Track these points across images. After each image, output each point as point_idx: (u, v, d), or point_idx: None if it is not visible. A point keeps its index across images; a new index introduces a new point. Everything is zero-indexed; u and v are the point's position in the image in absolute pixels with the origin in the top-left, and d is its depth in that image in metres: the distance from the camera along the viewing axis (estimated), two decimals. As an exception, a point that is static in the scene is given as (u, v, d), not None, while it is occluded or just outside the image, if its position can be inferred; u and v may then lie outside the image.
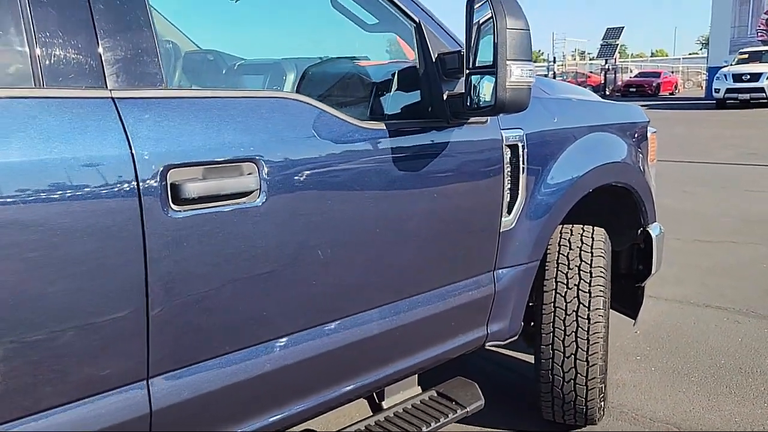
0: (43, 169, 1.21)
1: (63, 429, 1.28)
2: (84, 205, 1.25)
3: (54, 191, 1.22)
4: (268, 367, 1.60)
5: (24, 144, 1.20)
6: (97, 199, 1.27)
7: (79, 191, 1.24)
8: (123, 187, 1.29)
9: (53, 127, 1.24)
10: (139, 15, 1.40)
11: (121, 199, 1.29)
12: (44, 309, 1.24)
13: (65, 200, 1.23)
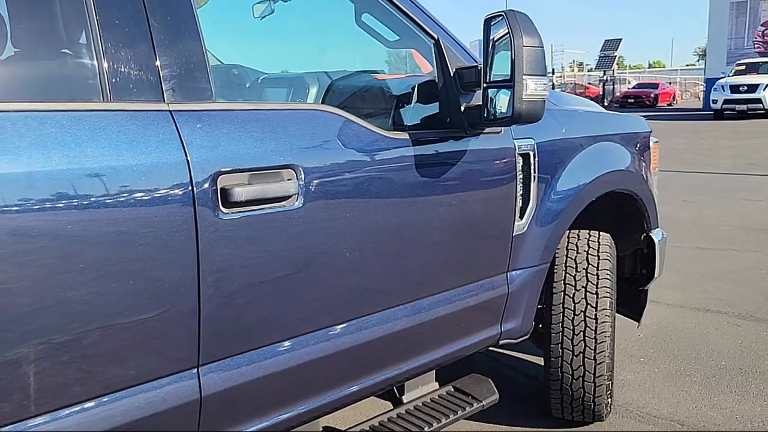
0: (113, 174, 1.35)
1: (126, 411, 1.40)
2: (147, 207, 1.39)
3: (121, 194, 1.35)
4: (305, 358, 1.73)
5: (96, 152, 1.33)
6: (158, 202, 1.40)
7: (143, 194, 1.38)
8: (180, 191, 1.43)
9: (120, 137, 1.38)
10: (192, 34, 1.54)
11: (179, 202, 1.43)
12: (109, 301, 1.37)
13: (131, 202, 1.36)
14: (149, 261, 1.40)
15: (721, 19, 26.84)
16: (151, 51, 1.46)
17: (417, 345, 2.08)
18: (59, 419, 1.33)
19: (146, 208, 1.39)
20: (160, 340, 1.46)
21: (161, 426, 1.47)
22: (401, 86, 2.28)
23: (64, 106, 1.34)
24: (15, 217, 1.22)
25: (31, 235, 1.24)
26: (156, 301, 1.43)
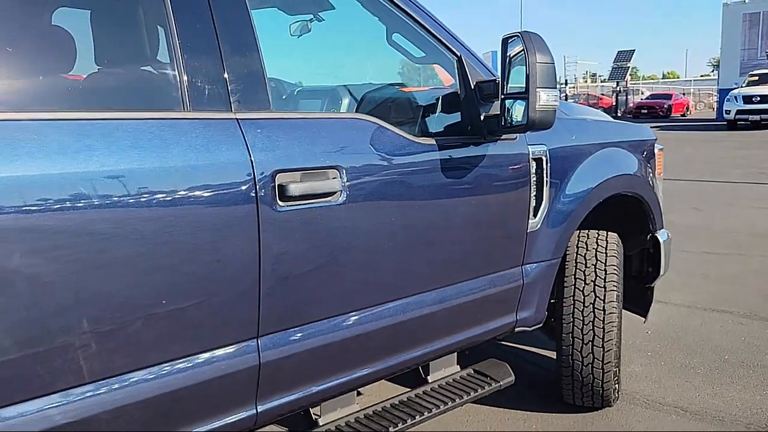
0: (192, 171, 1.61)
1: (203, 369, 1.67)
2: (220, 199, 1.65)
3: (199, 188, 1.62)
4: (346, 335, 1.98)
5: (179, 153, 1.60)
6: (228, 195, 1.67)
7: (217, 188, 1.65)
8: (245, 187, 1.69)
9: (197, 141, 1.65)
10: (253, 53, 1.81)
11: (244, 196, 1.69)
12: (185, 280, 1.64)
13: (207, 195, 1.63)
14: (221, 246, 1.67)
15: (734, 30, 26.98)
16: (220, 68, 1.74)
17: (442, 328, 2.33)
18: (160, 372, 1.60)
19: (219, 200, 1.65)
20: (228, 313, 1.72)
21: (229, 384, 1.73)
22: (426, 97, 2.54)
23: (154, 114, 1.61)
24: (124, 206, 1.49)
25: (135, 220, 1.51)
26: (225, 280, 1.70)
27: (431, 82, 3.44)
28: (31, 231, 1.36)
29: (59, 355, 1.44)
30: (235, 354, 1.75)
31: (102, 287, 1.49)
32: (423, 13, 2.31)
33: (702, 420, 2.98)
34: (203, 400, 1.72)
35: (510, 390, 2.98)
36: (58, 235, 1.40)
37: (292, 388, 1.91)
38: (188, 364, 1.66)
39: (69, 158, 1.43)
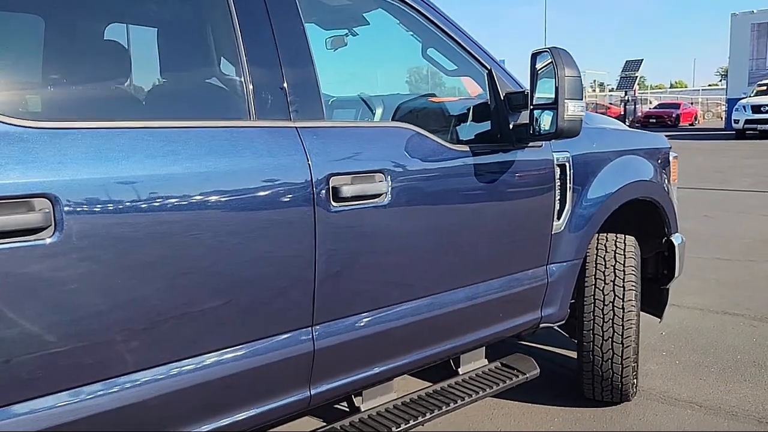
0: (259, 173, 1.80)
1: (266, 353, 1.84)
2: (282, 198, 1.83)
3: (265, 189, 1.80)
4: (390, 325, 2.15)
5: (248, 157, 1.79)
6: (289, 195, 1.85)
7: (280, 189, 1.83)
8: (304, 188, 1.87)
9: (263, 146, 1.83)
10: (309, 68, 2.00)
11: (303, 196, 1.87)
12: (250, 271, 1.81)
13: (272, 195, 1.81)
14: (282, 241, 1.85)
15: (742, 41, 27.10)
16: (281, 81, 1.92)
17: (474, 322, 2.49)
18: (227, 355, 1.77)
19: (281, 200, 1.83)
20: (288, 302, 1.90)
21: (287, 368, 1.91)
22: (458, 107, 2.72)
23: (226, 123, 1.80)
24: (202, 203, 1.67)
25: (211, 215, 1.69)
26: (285, 272, 1.87)
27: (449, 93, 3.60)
28: (136, 220, 1.55)
29: (161, 332, 1.63)
30: (293, 341, 1.92)
31: (182, 278, 1.67)
32: (457, 30, 2.49)
33: (716, 415, 3.13)
34: (265, 382, 1.89)
35: (533, 386, 3.15)
36: (156, 224, 1.59)
37: (341, 374, 2.08)
38: (252, 349, 1.83)
39: (158, 161, 1.61)
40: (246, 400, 1.86)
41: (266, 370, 1.88)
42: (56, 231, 1.44)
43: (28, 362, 1.44)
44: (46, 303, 1.45)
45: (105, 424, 1.56)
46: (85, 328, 1.52)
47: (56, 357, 1.48)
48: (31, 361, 1.45)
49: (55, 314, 1.47)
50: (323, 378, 2.03)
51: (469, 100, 2.81)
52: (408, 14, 2.46)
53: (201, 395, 1.74)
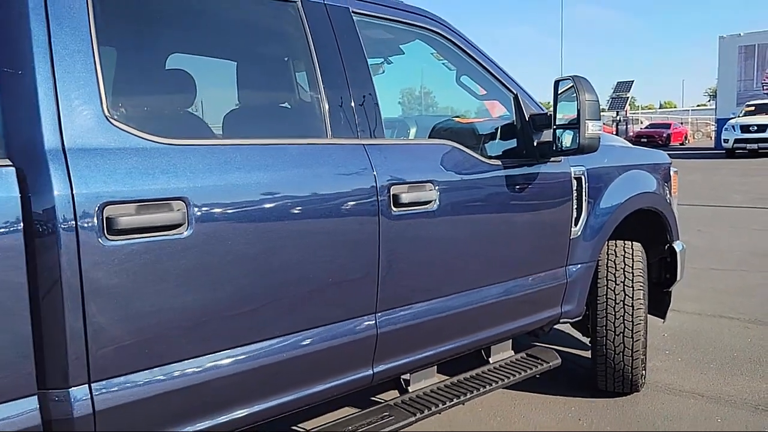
0: (336, 184, 2.14)
1: (340, 336, 2.18)
2: (353, 205, 2.18)
3: (339, 197, 2.15)
4: (437, 315, 2.49)
5: (325, 169, 2.14)
6: (359, 202, 2.19)
7: (351, 197, 2.17)
8: (370, 195, 2.22)
9: (337, 160, 2.18)
10: (372, 93, 2.36)
11: (370, 202, 2.22)
12: (330, 265, 2.15)
13: (344, 202, 2.16)
14: (353, 239, 2.19)
15: (730, 62, 27.83)
16: (351, 105, 2.28)
17: (505, 315, 2.84)
18: (309, 338, 2.11)
19: (353, 204, 2.18)
20: (356, 292, 2.24)
21: (355, 349, 2.24)
22: (487, 127, 3.08)
23: (310, 141, 2.16)
24: (290, 206, 2.02)
25: (297, 216, 2.04)
26: (355, 267, 2.22)
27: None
28: (244, 219, 1.90)
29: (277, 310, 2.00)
30: (360, 326, 2.26)
31: (276, 268, 2.01)
32: (487, 59, 2.87)
33: (716, 403, 3.46)
34: (338, 360, 2.22)
35: (551, 380, 3.48)
36: (259, 222, 1.94)
37: (398, 356, 2.42)
38: (328, 331, 2.17)
39: (261, 171, 1.97)
40: (324, 374, 2.19)
41: (339, 350, 2.21)
42: (189, 227, 1.78)
43: (180, 325, 1.79)
44: (183, 282, 1.79)
45: (225, 385, 1.90)
46: (212, 302, 1.86)
47: (193, 324, 1.82)
48: (181, 324, 1.79)
49: (190, 291, 1.81)
50: (384, 358, 2.37)
51: (492, 120, 3.18)
52: (446, 46, 2.83)
53: (292, 368, 2.07)
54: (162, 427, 1.82)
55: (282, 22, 2.27)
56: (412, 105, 3.93)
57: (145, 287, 1.73)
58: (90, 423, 1.67)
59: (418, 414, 2.50)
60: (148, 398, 1.76)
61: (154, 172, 1.75)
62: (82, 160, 1.64)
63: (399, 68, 3.54)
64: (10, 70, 1.62)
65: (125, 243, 1.68)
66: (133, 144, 1.75)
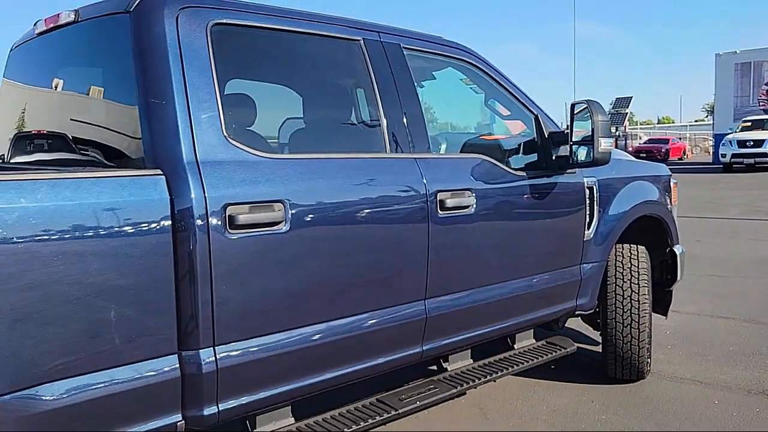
0: (394, 191, 2.60)
1: (396, 316, 2.62)
2: (408, 207, 2.63)
3: (398, 202, 2.60)
4: (473, 303, 2.93)
5: (385, 179, 2.59)
6: (414, 205, 2.64)
7: (407, 201, 2.62)
8: (422, 200, 2.67)
9: (396, 171, 2.64)
10: (420, 114, 2.81)
11: (421, 206, 2.67)
12: (393, 259, 2.60)
13: (403, 206, 2.61)
14: (409, 237, 2.64)
15: (727, 79, 28.46)
16: (404, 124, 2.74)
17: (530, 305, 3.28)
18: (375, 317, 2.55)
19: (408, 207, 2.63)
20: (410, 281, 2.68)
21: (409, 328, 2.68)
22: (511, 143, 3.54)
23: (374, 155, 2.62)
24: (359, 208, 2.47)
25: (364, 216, 2.49)
26: (411, 260, 2.66)
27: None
28: (327, 217, 2.35)
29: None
30: (413, 308, 2.70)
31: (349, 261, 2.46)
32: (512, 85, 3.34)
33: (713, 388, 3.89)
34: (387, 341, 2.66)
35: (565, 370, 3.91)
36: (338, 219, 2.40)
37: (442, 336, 2.86)
38: (390, 313, 2.61)
39: (338, 179, 2.43)
40: (385, 349, 2.63)
41: (398, 329, 2.65)
42: (287, 223, 2.23)
43: (280, 303, 2.24)
44: (283, 268, 2.24)
45: (312, 354, 2.35)
46: (304, 285, 2.31)
47: (289, 303, 2.27)
48: (281, 302, 2.24)
49: (287, 276, 2.26)
50: (431, 338, 2.81)
51: (514, 137, 3.64)
52: (476, 73, 3.30)
53: (361, 343, 2.52)
54: (267, 385, 2.25)
55: (350, 57, 2.73)
56: (441, 123, 4.41)
57: (256, 272, 2.18)
58: (213, 377, 2.10)
59: (457, 387, 2.94)
60: (257, 360, 2.20)
61: (260, 180, 2.21)
62: (210, 170, 2.10)
63: (430, 91, 4.01)
64: (157, 101, 2.08)
65: (242, 236, 2.13)
66: (245, 158, 2.21)
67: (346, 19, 2.73)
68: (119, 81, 2.28)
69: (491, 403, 3.73)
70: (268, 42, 2.50)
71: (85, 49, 2.53)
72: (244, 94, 2.56)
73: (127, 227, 1.92)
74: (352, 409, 2.65)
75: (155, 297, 1.99)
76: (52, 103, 2.78)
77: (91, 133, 2.45)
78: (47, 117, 2.81)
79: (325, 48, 2.69)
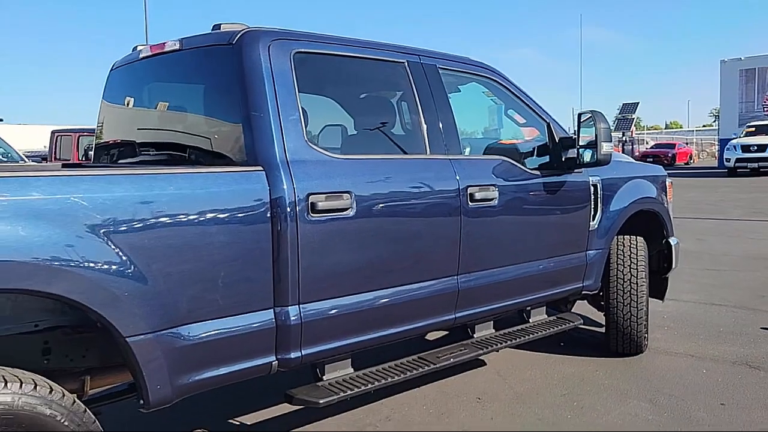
0: (433, 186, 3.19)
1: (436, 288, 3.21)
2: (444, 199, 3.22)
3: (436, 195, 3.19)
4: (496, 280, 3.53)
5: (428, 176, 3.19)
6: (447, 198, 3.24)
7: (443, 194, 3.22)
8: (455, 193, 3.26)
9: (434, 170, 3.24)
10: (453, 120, 3.41)
11: (455, 199, 3.26)
12: (433, 241, 3.19)
13: (441, 198, 3.20)
14: (446, 224, 3.23)
15: (731, 85, 28.97)
16: (440, 130, 3.34)
17: (542, 284, 3.87)
18: (421, 289, 3.15)
19: (444, 199, 3.22)
20: (446, 260, 3.28)
21: (443, 299, 3.27)
22: (526, 146, 4.14)
23: (416, 156, 3.22)
24: (406, 202, 3.07)
25: (411, 207, 3.09)
26: (446, 242, 3.26)
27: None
28: (384, 204, 2.95)
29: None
30: (447, 282, 3.30)
31: (401, 241, 3.06)
32: (528, 97, 3.94)
33: (703, 360, 4.47)
34: (428, 308, 3.25)
35: (572, 345, 4.49)
36: (392, 207, 3.00)
37: (471, 306, 3.45)
38: (428, 285, 3.21)
39: (394, 175, 3.03)
40: (428, 314, 3.23)
41: (437, 298, 3.24)
42: (353, 209, 2.83)
43: (348, 272, 2.85)
44: (350, 245, 2.84)
45: (381, 312, 2.96)
46: (366, 258, 2.91)
47: (355, 272, 2.88)
48: (349, 272, 2.85)
49: (353, 251, 2.86)
50: (462, 308, 3.40)
51: (528, 141, 4.24)
52: (497, 88, 3.91)
53: (411, 307, 3.11)
54: (336, 338, 2.85)
55: (396, 76, 3.34)
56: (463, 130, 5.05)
57: (329, 247, 2.78)
58: (299, 328, 2.70)
59: (483, 350, 3.54)
60: (329, 317, 2.80)
61: (332, 175, 2.81)
62: (296, 167, 2.70)
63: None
64: (256, 113, 2.69)
65: (320, 219, 2.73)
66: (320, 158, 2.82)
67: (394, 45, 3.35)
68: (223, 98, 2.89)
69: (509, 370, 4.32)
70: (333, 65, 3.12)
71: (188, 72, 3.14)
72: (317, 107, 3.17)
73: (240, 209, 2.53)
74: (399, 364, 3.25)
75: (259, 262, 2.59)
76: (153, 116, 3.40)
77: (195, 140, 3.06)
78: (148, 127, 3.43)
79: (377, 69, 3.30)
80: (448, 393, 3.96)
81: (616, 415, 3.62)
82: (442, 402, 3.83)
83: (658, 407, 3.70)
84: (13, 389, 2.03)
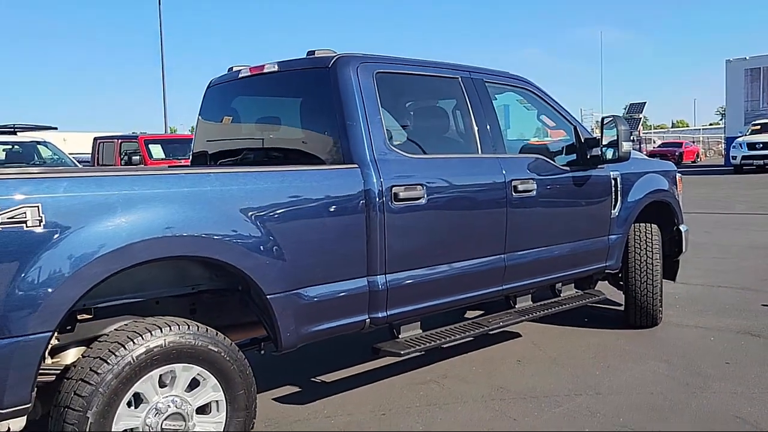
0: (485, 181, 3.88)
1: (488, 264, 3.90)
2: (494, 191, 3.91)
3: (486, 188, 3.88)
4: (536, 258, 4.21)
5: (479, 172, 3.88)
6: (496, 191, 3.92)
7: (493, 187, 3.90)
8: (502, 186, 3.95)
9: (485, 167, 3.93)
10: (497, 124, 4.10)
11: (502, 190, 3.95)
12: (486, 226, 3.88)
13: (490, 191, 3.89)
14: (495, 212, 3.92)
15: (737, 84, 29.54)
16: (488, 131, 4.03)
17: (572, 263, 4.56)
18: (474, 265, 3.83)
19: (494, 191, 3.91)
20: (495, 241, 3.96)
21: (494, 273, 3.96)
22: (556, 146, 4.82)
23: (472, 155, 3.92)
24: (467, 192, 3.76)
25: (465, 198, 3.78)
26: (497, 227, 3.94)
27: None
28: (447, 197, 3.64)
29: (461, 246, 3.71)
30: (497, 259, 3.98)
31: (463, 225, 3.74)
32: (557, 104, 4.63)
33: (709, 330, 5.13)
34: (482, 279, 3.94)
35: (596, 321, 5.17)
36: (452, 198, 3.68)
37: (515, 280, 4.13)
38: (480, 261, 3.89)
39: (456, 171, 3.72)
40: (482, 285, 3.91)
41: (489, 272, 3.93)
42: (425, 199, 3.52)
43: (421, 249, 3.54)
44: (422, 227, 3.53)
45: (446, 282, 3.64)
46: (435, 238, 3.60)
47: (426, 249, 3.57)
48: (421, 249, 3.54)
49: (425, 232, 3.55)
50: (508, 281, 4.09)
51: (556, 141, 4.92)
52: (531, 96, 4.60)
53: (470, 279, 3.80)
54: (412, 302, 3.54)
55: (453, 90, 4.03)
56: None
57: (407, 229, 3.47)
58: (385, 293, 3.39)
59: (523, 317, 4.23)
60: (407, 285, 3.49)
61: (409, 171, 3.50)
62: (382, 165, 3.39)
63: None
64: (350, 122, 3.38)
65: (400, 206, 3.42)
66: (399, 158, 3.51)
67: (450, 63, 4.06)
68: (320, 110, 3.59)
69: (542, 340, 5.00)
70: (405, 81, 3.82)
71: (287, 89, 3.85)
72: (394, 117, 3.86)
73: (343, 198, 3.23)
74: (458, 326, 3.94)
75: (356, 239, 3.29)
76: (252, 127, 4.11)
77: (294, 143, 3.77)
78: (247, 136, 4.15)
79: (438, 84, 4.00)
80: (492, 358, 4.64)
81: (638, 371, 4.29)
82: (489, 364, 4.52)
83: (672, 366, 4.37)
84: (193, 331, 2.74)
